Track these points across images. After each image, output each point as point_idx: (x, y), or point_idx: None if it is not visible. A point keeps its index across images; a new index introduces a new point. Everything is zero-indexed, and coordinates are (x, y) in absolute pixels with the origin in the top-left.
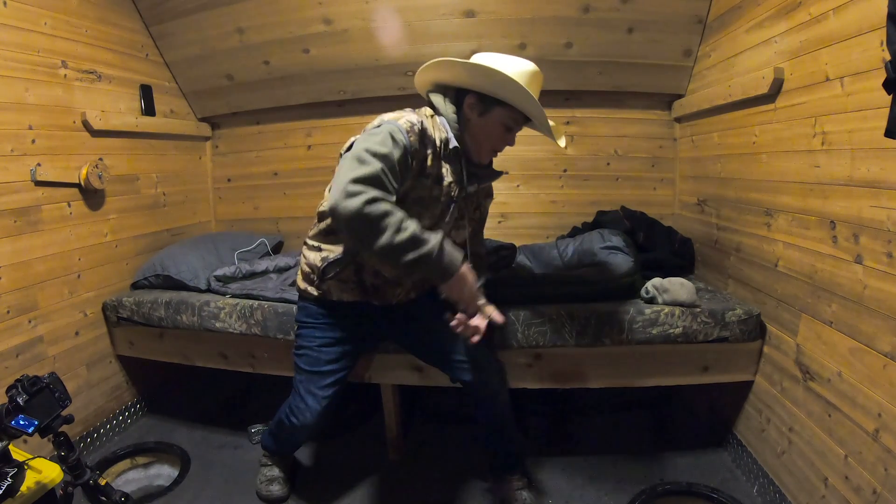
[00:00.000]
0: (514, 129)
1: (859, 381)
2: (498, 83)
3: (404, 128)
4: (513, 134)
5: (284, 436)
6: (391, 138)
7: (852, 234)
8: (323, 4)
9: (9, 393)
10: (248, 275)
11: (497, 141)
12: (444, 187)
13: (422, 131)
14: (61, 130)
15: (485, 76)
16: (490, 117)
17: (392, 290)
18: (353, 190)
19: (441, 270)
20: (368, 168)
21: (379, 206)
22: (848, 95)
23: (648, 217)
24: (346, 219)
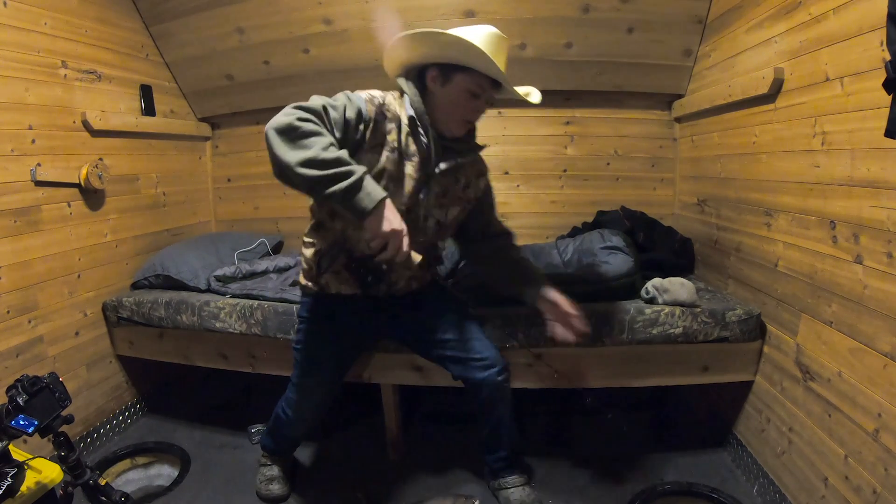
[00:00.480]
0: (479, 94)
1: (859, 381)
2: (448, 45)
3: (363, 97)
4: (480, 101)
5: (281, 432)
6: (346, 97)
7: (852, 234)
8: (323, 4)
9: (9, 393)
10: (248, 275)
11: (465, 110)
12: (416, 163)
13: (382, 104)
14: (61, 130)
15: (435, 42)
16: (452, 85)
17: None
18: (288, 110)
19: (362, 197)
20: (311, 103)
21: (310, 125)
22: (848, 95)
23: (648, 217)
24: (275, 130)
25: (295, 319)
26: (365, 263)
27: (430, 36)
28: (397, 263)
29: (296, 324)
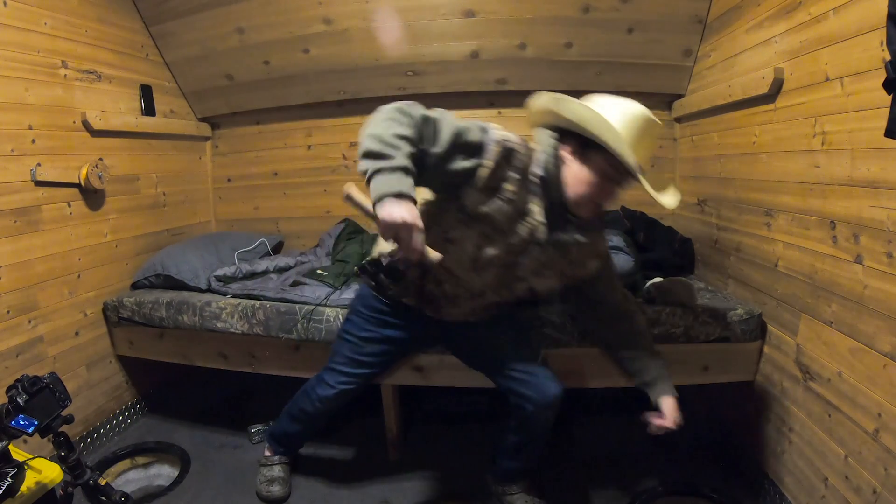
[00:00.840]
0: (614, 178)
1: (859, 381)
2: (591, 122)
3: (495, 137)
4: (613, 185)
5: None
6: (476, 126)
7: (852, 234)
8: (323, 4)
9: (9, 393)
10: (248, 275)
11: (597, 191)
12: (529, 224)
13: (509, 150)
14: (61, 130)
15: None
16: (589, 163)
17: (448, 306)
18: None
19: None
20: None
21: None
22: (848, 95)
23: (648, 217)
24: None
25: (299, 319)
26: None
27: (574, 107)
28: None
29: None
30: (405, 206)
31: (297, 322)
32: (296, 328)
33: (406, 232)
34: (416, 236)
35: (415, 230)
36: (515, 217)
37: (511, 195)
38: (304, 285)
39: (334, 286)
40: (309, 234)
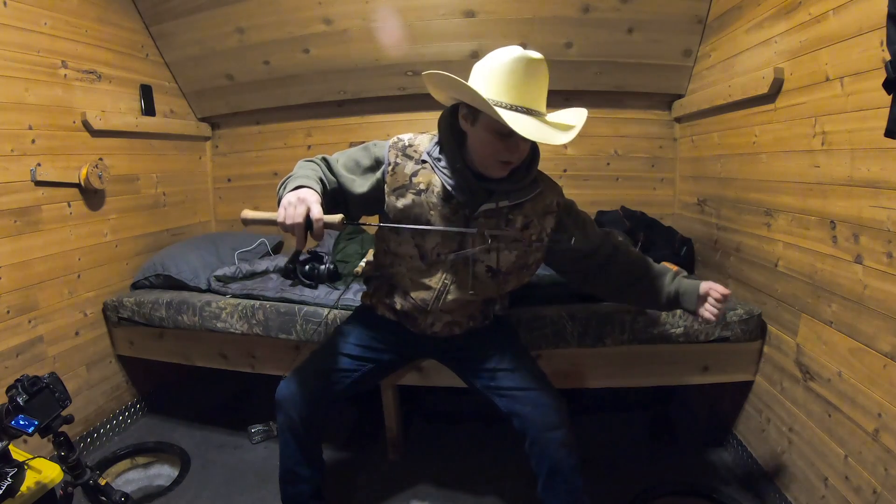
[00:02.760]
0: (509, 133)
1: (859, 381)
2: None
3: (388, 143)
4: (512, 140)
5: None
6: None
7: (852, 234)
8: (323, 4)
9: (9, 393)
10: (248, 275)
11: (498, 150)
12: (453, 206)
13: (407, 147)
14: (61, 130)
15: (450, 85)
16: (478, 125)
17: (423, 318)
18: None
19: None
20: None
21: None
22: (848, 95)
23: (648, 217)
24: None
25: (297, 319)
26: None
27: (441, 79)
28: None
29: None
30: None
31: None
32: (294, 329)
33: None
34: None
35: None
36: (434, 203)
37: (420, 185)
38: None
39: (334, 286)
40: None
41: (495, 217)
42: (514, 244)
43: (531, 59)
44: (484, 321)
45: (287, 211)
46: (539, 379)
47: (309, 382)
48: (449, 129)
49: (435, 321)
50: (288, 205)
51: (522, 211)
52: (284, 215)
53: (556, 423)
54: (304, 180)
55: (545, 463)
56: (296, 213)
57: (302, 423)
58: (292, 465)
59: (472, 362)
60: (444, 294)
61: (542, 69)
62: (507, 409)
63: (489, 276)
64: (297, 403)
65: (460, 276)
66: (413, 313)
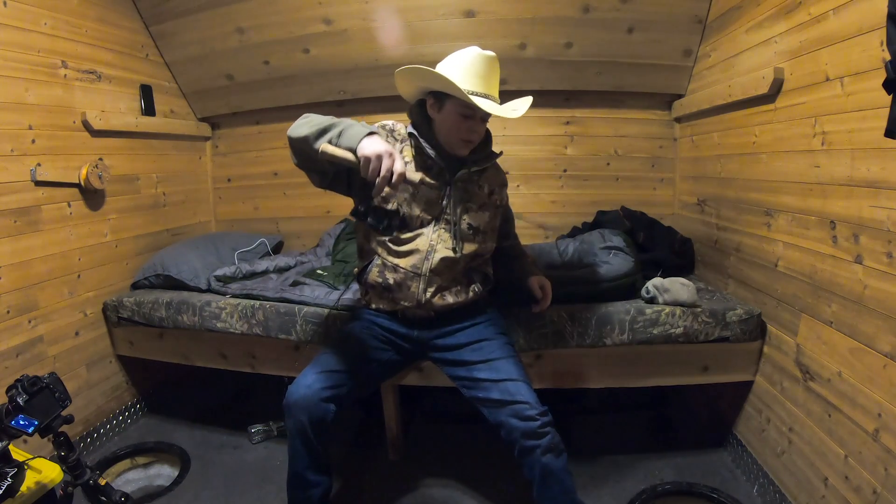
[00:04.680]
0: (471, 115)
1: (859, 381)
2: (432, 79)
3: (375, 126)
4: (474, 121)
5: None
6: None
7: (852, 234)
8: (323, 4)
9: (9, 393)
10: (248, 275)
11: (461, 131)
12: (434, 174)
13: (392, 130)
14: (61, 130)
15: (421, 77)
16: (445, 110)
17: (416, 284)
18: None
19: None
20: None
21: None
22: (848, 95)
23: (648, 217)
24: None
25: (297, 319)
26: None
27: (415, 72)
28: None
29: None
30: (378, 138)
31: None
32: (294, 329)
33: (388, 158)
34: (397, 159)
35: (394, 153)
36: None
37: (408, 158)
38: (303, 285)
39: (334, 286)
40: (309, 234)
41: (471, 182)
42: (486, 206)
43: (488, 56)
44: (469, 294)
45: (374, 163)
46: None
47: (316, 386)
48: (420, 117)
49: (427, 286)
50: (375, 155)
51: (487, 179)
52: (372, 165)
53: (539, 431)
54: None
55: (535, 470)
56: (384, 166)
57: (311, 427)
58: (301, 470)
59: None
60: (432, 254)
61: (496, 64)
62: (493, 420)
63: (470, 232)
64: (307, 407)
65: (444, 235)
66: (406, 282)
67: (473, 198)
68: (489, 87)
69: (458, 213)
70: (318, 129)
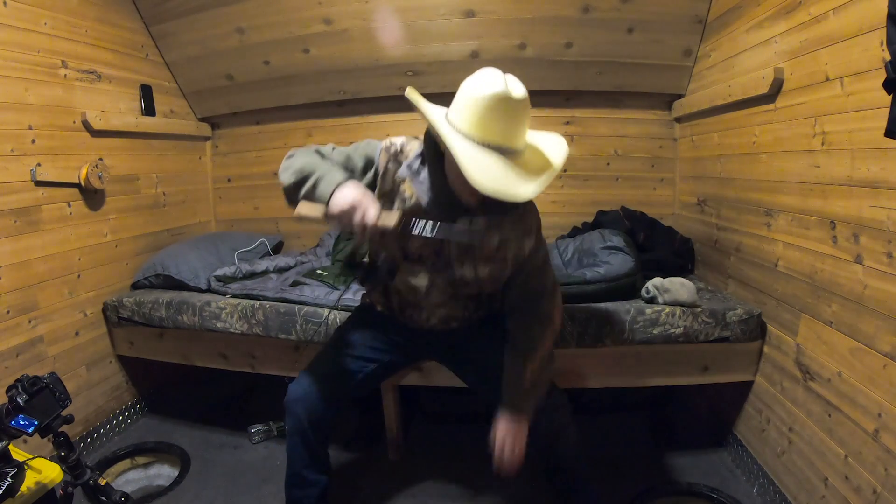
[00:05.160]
0: None
1: (859, 381)
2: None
3: (381, 145)
4: None
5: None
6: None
7: (852, 234)
8: (323, 4)
9: (9, 393)
10: (248, 275)
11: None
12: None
13: (397, 152)
14: (61, 130)
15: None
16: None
17: (418, 313)
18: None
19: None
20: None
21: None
22: (848, 95)
23: (648, 217)
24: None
25: (297, 319)
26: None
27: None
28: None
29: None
30: (349, 188)
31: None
32: (294, 329)
33: (359, 210)
34: (369, 210)
35: (365, 204)
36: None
37: (408, 194)
38: (303, 285)
39: (334, 286)
40: (309, 234)
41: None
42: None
43: (512, 98)
44: (477, 311)
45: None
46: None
47: (317, 385)
48: (432, 145)
49: (430, 316)
50: (341, 212)
51: (501, 230)
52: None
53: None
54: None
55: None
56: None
57: (311, 426)
58: (300, 469)
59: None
60: (432, 290)
61: (522, 108)
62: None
63: (471, 281)
64: (307, 406)
65: (440, 281)
66: (408, 309)
67: (471, 249)
68: (507, 136)
69: (456, 264)
70: (296, 181)
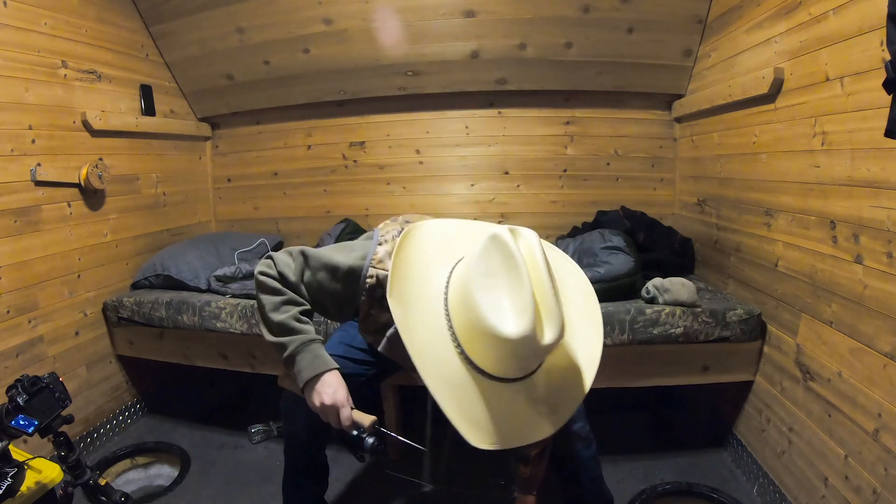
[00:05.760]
0: None
1: (859, 381)
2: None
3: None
4: None
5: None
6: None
7: (852, 234)
8: (323, 4)
9: (9, 393)
10: (248, 275)
11: None
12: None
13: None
14: (61, 130)
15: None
16: None
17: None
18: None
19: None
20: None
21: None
22: (848, 95)
23: (648, 217)
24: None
25: None
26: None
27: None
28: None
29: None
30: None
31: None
32: None
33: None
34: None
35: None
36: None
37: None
38: None
39: None
40: (309, 234)
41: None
42: None
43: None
44: None
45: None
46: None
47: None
48: None
49: None
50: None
51: None
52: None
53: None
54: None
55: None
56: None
57: (307, 431)
58: (296, 473)
59: None
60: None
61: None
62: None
63: None
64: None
65: None
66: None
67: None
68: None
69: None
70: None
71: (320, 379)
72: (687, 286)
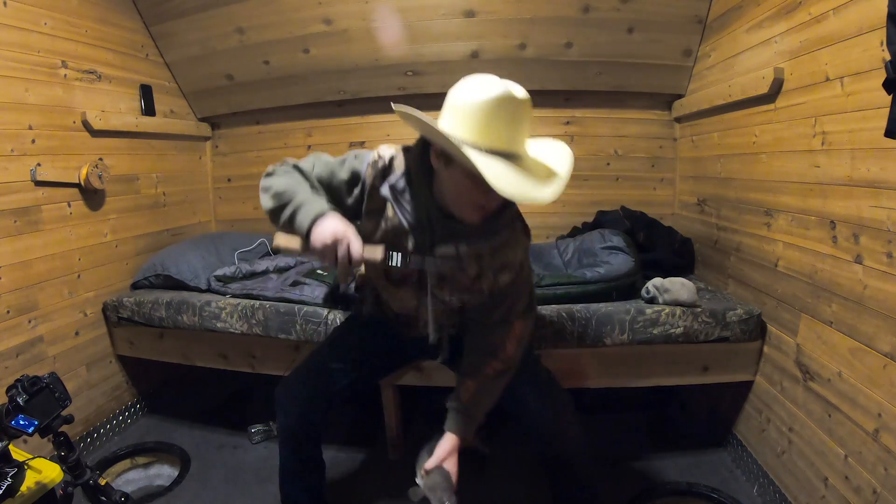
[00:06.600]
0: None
1: (859, 381)
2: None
3: (368, 159)
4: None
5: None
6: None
7: (852, 234)
8: (323, 4)
9: (9, 393)
10: (248, 275)
11: (473, 194)
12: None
13: (386, 167)
14: (61, 130)
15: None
16: (454, 168)
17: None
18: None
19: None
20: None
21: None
22: (848, 95)
23: (648, 217)
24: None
25: (297, 319)
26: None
27: (412, 119)
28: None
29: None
30: (330, 220)
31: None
32: (294, 329)
33: (342, 244)
34: (353, 244)
35: (348, 238)
36: (400, 233)
37: (390, 212)
38: (303, 285)
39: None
40: None
41: (451, 261)
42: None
43: (516, 99)
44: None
45: (327, 254)
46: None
47: (308, 383)
48: (419, 163)
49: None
50: (324, 245)
51: (480, 261)
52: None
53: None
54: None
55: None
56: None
57: (301, 425)
58: (292, 467)
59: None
60: (420, 308)
61: (526, 109)
62: (514, 408)
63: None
64: (297, 404)
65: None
66: (402, 321)
67: (447, 278)
68: (512, 140)
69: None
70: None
71: (325, 217)
72: (687, 286)
